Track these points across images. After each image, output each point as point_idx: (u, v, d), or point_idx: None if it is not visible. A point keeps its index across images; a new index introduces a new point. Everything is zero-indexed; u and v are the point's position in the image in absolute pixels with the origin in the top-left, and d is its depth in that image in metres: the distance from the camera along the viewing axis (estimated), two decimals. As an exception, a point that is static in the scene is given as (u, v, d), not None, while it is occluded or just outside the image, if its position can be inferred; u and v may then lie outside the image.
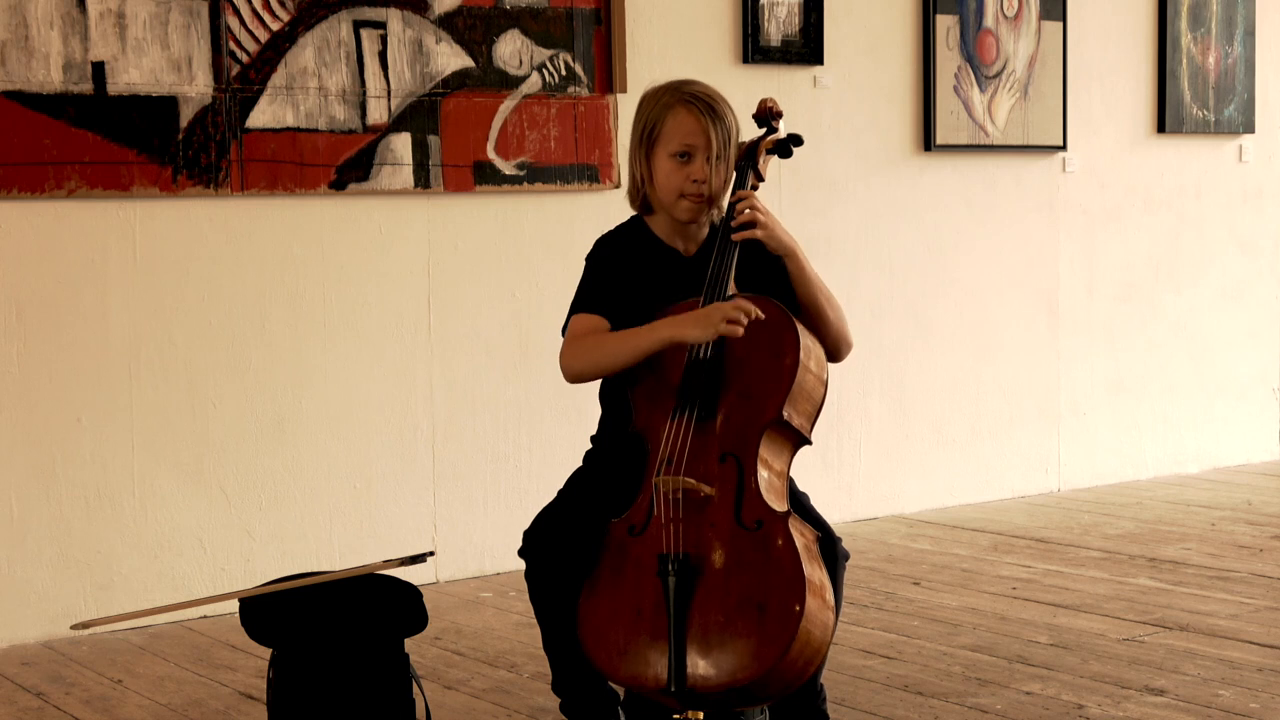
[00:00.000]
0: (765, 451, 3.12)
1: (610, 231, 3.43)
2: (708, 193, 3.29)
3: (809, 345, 3.19)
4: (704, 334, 3.10)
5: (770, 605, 2.99)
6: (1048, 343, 6.50)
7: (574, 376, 3.29)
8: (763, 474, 3.10)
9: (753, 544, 3.04)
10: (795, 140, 3.46)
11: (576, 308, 3.34)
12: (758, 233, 3.26)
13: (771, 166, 3.54)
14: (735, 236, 3.26)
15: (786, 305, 3.26)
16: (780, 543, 3.02)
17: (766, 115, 3.44)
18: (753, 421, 3.12)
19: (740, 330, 3.07)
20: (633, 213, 3.44)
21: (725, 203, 3.36)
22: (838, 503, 5.94)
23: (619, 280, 3.33)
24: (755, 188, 3.37)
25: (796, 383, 3.13)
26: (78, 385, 4.63)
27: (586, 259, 3.40)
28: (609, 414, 3.40)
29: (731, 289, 3.23)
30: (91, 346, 4.65)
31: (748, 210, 3.27)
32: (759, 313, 3.11)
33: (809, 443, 3.21)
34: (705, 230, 3.40)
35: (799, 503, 3.26)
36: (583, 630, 3.13)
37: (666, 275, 3.34)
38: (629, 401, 3.25)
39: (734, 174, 3.37)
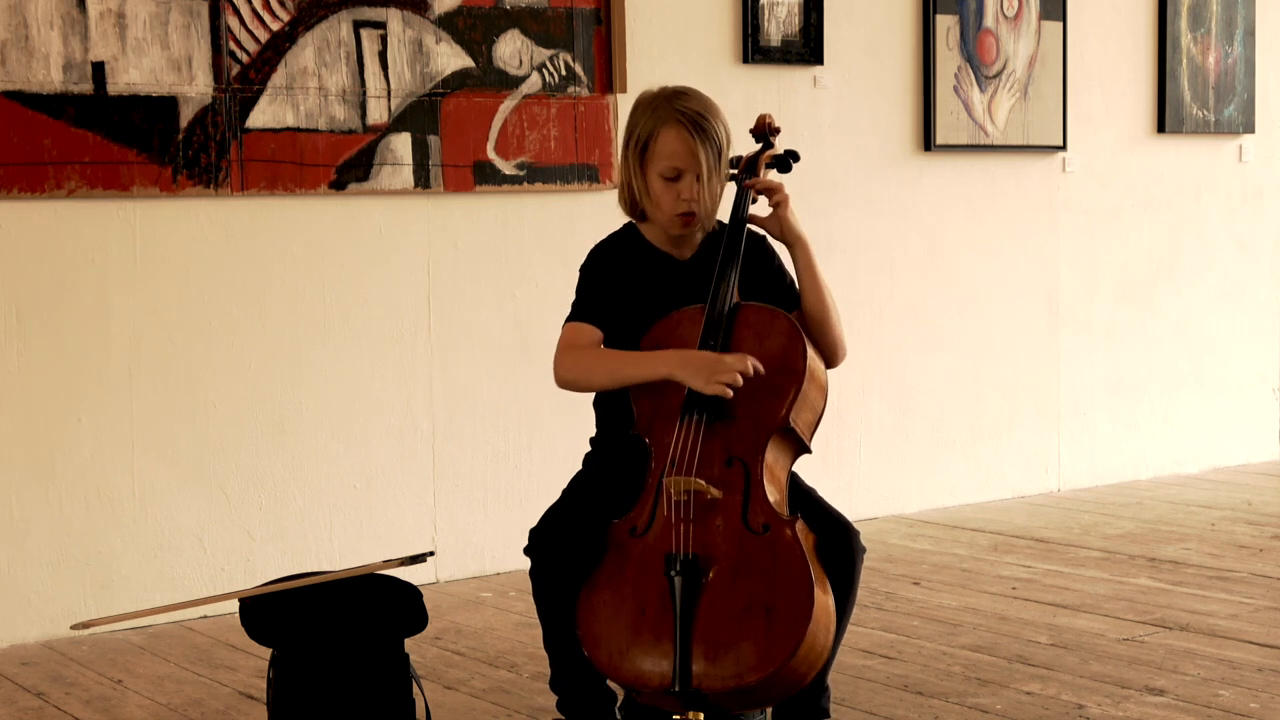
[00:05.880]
0: (770, 457, 3.15)
1: (603, 241, 3.46)
2: (699, 210, 3.31)
3: (814, 355, 3.24)
4: (704, 386, 3.14)
5: (778, 608, 3.01)
6: (1048, 343, 6.50)
7: (566, 384, 3.33)
8: (768, 479, 3.13)
9: (759, 547, 3.06)
10: (793, 155, 3.51)
11: (573, 317, 3.37)
12: (777, 198, 3.30)
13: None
14: (748, 183, 3.33)
15: (789, 308, 3.31)
16: (787, 546, 3.06)
17: (764, 131, 3.50)
18: (760, 427, 3.15)
19: (730, 393, 3.12)
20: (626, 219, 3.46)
21: (715, 216, 3.40)
22: (838, 503, 5.80)
23: (612, 288, 3.36)
24: (754, 200, 3.38)
25: (802, 391, 3.16)
26: (78, 385, 4.63)
27: (580, 269, 3.42)
28: (606, 418, 3.42)
29: (735, 298, 3.26)
30: (91, 346, 4.65)
31: (765, 188, 3.33)
32: (761, 370, 3.15)
33: (809, 451, 3.25)
34: (700, 233, 3.41)
35: (810, 498, 3.29)
36: (583, 631, 3.14)
37: (662, 281, 3.37)
38: (629, 405, 3.27)
39: (730, 184, 3.41)
